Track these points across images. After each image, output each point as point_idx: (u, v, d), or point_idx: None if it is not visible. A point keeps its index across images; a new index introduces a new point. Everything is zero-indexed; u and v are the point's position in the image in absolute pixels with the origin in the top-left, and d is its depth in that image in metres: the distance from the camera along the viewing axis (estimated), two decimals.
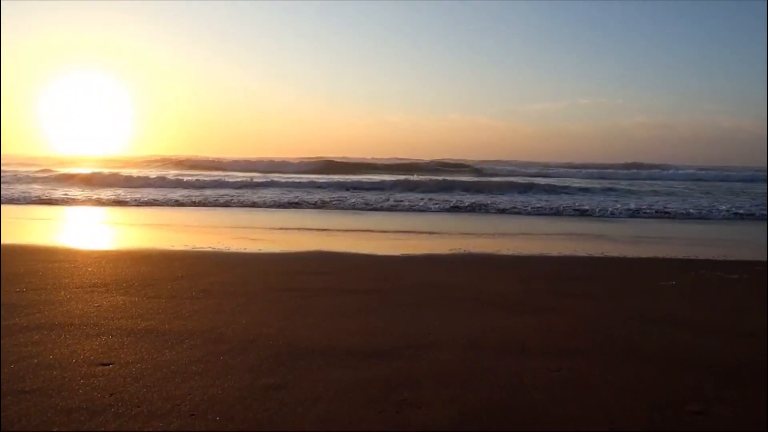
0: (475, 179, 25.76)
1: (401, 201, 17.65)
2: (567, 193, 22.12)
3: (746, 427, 2.69)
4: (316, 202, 17.32)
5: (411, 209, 16.33)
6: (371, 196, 18.99)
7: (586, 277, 6.66)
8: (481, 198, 19.09)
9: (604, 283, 6.31)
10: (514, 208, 16.44)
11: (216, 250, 8.50)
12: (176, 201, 16.92)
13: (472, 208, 16.52)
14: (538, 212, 15.79)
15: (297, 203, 17.05)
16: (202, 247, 8.71)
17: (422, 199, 18.43)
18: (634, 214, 15.68)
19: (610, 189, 24.28)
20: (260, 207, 16.38)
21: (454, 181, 24.19)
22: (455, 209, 16.38)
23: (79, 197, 17.75)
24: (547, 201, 18.34)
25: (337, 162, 37.26)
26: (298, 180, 24.50)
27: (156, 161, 36.50)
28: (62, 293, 5.12)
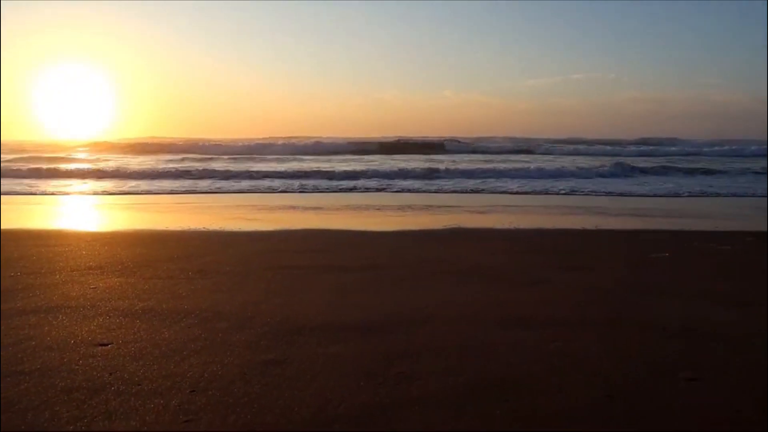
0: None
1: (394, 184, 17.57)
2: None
3: (740, 394, 2.73)
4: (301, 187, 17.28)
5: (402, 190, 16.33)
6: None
7: (582, 250, 6.70)
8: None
9: (599, 256, 6.35)
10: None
11: (210, 230, 8.48)
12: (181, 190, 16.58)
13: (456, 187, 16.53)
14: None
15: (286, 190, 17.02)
16: (196, 228, 8.69)
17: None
18: None
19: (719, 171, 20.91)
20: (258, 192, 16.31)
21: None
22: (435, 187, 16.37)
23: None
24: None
25: (325, 143, 36.68)
26: (287, 170, 23.17)
27: (145, 144, 35.95)
28: (57, 276, 5.11)
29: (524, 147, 35.18)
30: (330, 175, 18.54)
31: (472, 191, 15.16)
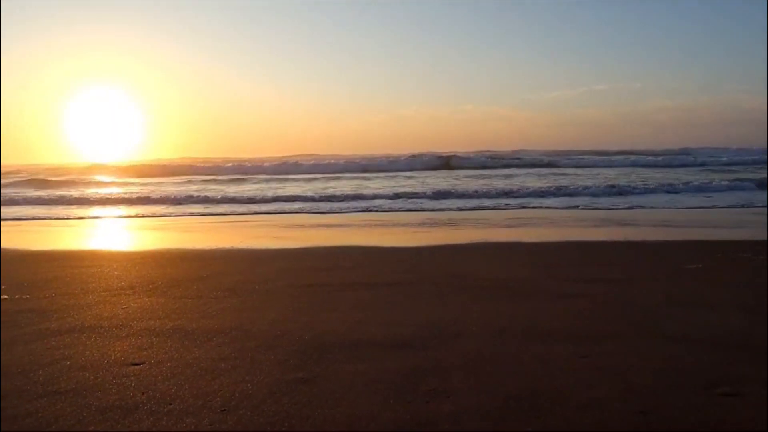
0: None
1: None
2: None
3: None
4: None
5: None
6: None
7: (612, 263, 6.62)
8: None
9: (628, 268, 6.26)
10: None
11: (237, 248, 8.58)
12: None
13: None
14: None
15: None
16: (223, 247, 8.81)
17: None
18: None
19: None
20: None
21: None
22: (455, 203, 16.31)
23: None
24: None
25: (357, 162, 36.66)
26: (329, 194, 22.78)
27: (176, 167, 36.56)
28: (90, 297, 5.21)
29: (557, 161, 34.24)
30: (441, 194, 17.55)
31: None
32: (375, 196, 16.84)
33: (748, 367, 3.15)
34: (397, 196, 16.89)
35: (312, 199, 16.99)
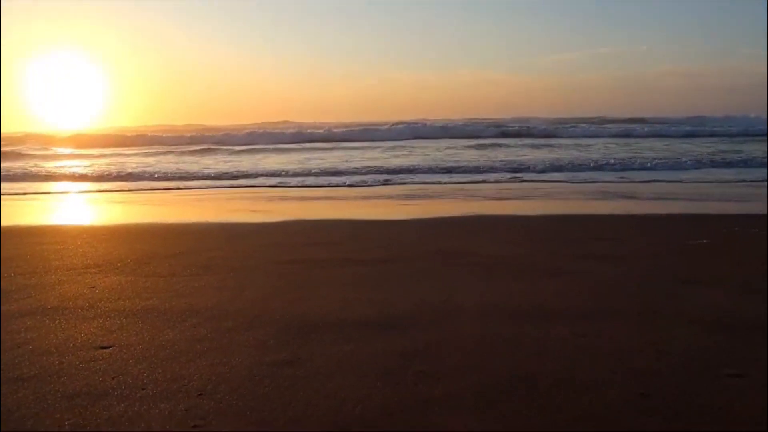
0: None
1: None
2: None
3: None
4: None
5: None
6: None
7: (613, 237, 6.67)
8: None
9: (630, 243, 6.32)
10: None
11: (213, 223, 8.54)
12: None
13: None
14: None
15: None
16: (197, 222, 8.76)
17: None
18: None
19: None
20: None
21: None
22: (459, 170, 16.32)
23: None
24: None
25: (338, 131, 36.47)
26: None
27: (143, 136, 36.02)
28: (53, 276, 5.17)
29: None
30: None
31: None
32: (359, 171, 16.64)
33: (754, 348, 3.21)
34: (385, 170, 16.65)
35: (294, 174, 16.68)
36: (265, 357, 3.17)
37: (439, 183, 14.03)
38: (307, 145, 29.03)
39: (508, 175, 15.12)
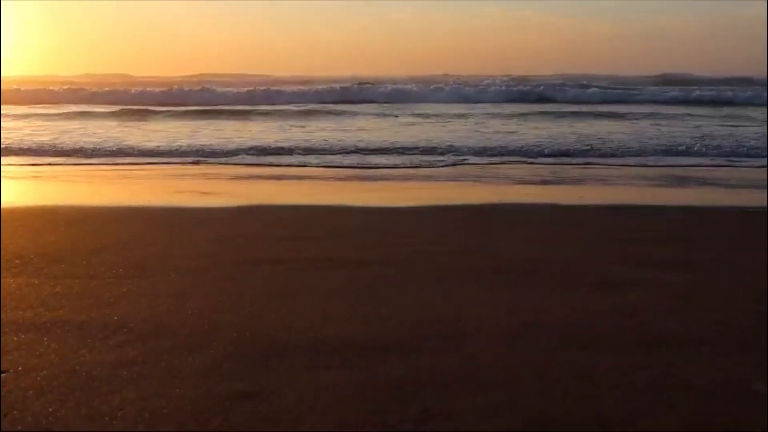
0: None
1: None
2: None
3: None
4: None
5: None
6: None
7: (683, 239, 6.68)
8: None
9: (710, 248, 6.32)
10: None
11: (152, 207, 8.53)
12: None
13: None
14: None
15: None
16: (130, 205, 8.74)
17: None
18: None
19: None
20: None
21: None
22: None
23: None
24: None
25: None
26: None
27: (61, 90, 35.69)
28: None
29: None
30: None
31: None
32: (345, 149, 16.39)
33: None
34: (388, 148, 16.34)
35: (264, 151, 16.21)
36: (216, 387, 3.17)
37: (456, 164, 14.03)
38: (281, 107, 28.92)
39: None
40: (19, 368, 3.40)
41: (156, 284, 4.92)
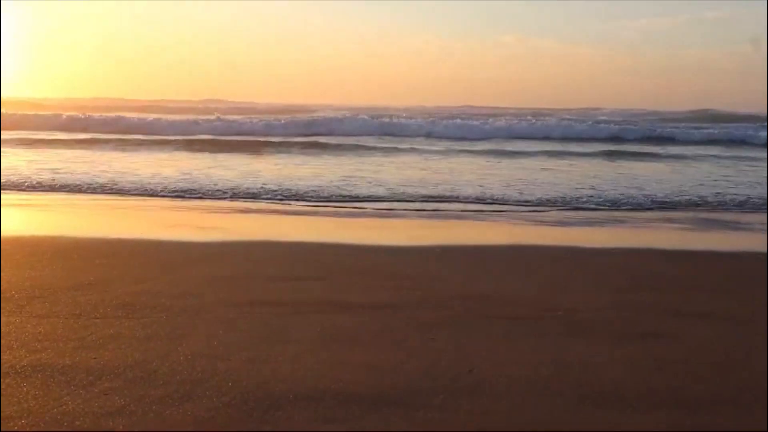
0: None
1: None
2: None
3: None
4: None
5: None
6: None
7: (717, 287, 6.67)
8: None
9: (743, 297, 6.32)
10: None
11: (144, 240, 8.55)
12: None
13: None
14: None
15: None
16: (122, 236, 8.77)
17: None
18: None
19: None
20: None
21: None
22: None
23: None
24: None
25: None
26: None
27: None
28: None
29: None
30: None
31: None
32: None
33: None
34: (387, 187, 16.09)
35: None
36: None
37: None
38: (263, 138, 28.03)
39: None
40: None
41: (146, 325, 4.93)
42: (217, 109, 46.01)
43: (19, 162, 18.07)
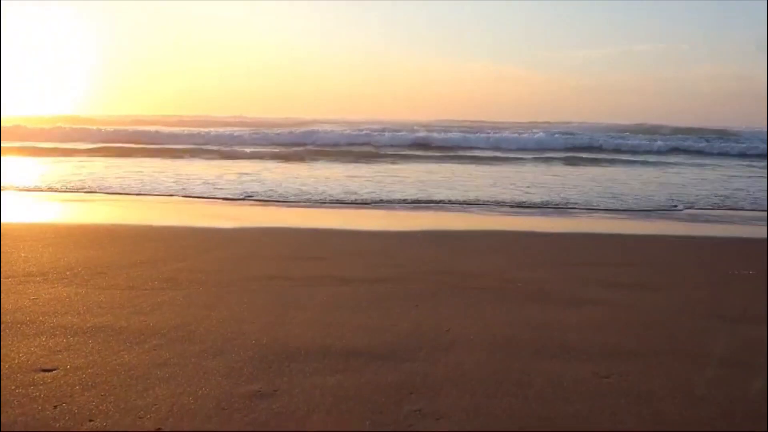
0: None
1: None
2: None
3: None
4: None
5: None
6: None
7: (644, 263, 6.73)
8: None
9: (661, 270, 6.37)
10: None
11: (182, 227, 8.56)
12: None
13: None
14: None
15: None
16: (165, 224, 8.78)
17: None
18: None
19: None
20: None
21: None
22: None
23: None
24: None
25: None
26: None
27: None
28: None
29: None
30: None
31: None
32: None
33: None
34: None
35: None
36: (236, 387, 3.19)
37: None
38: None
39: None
40: (68, 366, 3.44)
41: (186, 296, 4.95)
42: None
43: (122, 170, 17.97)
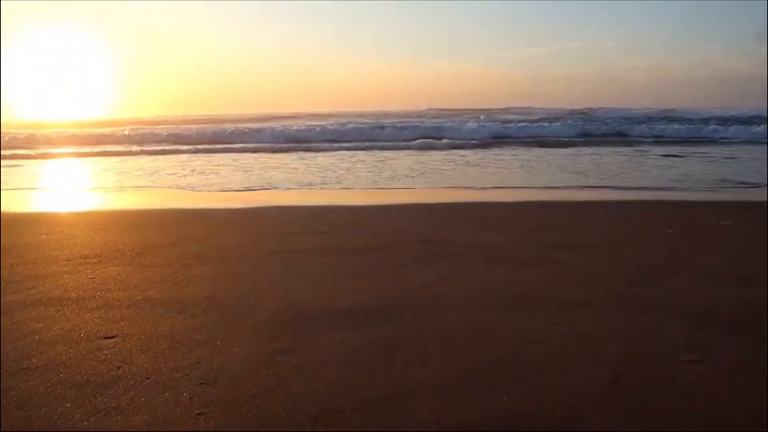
0: None
1: None
2: None
3: (744, 376, 2.86)
4: None
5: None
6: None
7: (586, 226, 6.83)
8: None
9: (603, 232, 6.48)
10: None
11: (204, 209, 8.57)
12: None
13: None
14: None
15: None
16: (189, 207, 8.78)
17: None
18: None
19: None
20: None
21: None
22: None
23: None
24: None
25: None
26: None
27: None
28: (53, 266, 5.19)
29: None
30: None
31: None
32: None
33: (714, 336, 3.36)
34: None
35: None
36: (261, 347, 3.26)
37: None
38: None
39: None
40: (125, 333, 3.50)
41: (212, 270, 4.98)
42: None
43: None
